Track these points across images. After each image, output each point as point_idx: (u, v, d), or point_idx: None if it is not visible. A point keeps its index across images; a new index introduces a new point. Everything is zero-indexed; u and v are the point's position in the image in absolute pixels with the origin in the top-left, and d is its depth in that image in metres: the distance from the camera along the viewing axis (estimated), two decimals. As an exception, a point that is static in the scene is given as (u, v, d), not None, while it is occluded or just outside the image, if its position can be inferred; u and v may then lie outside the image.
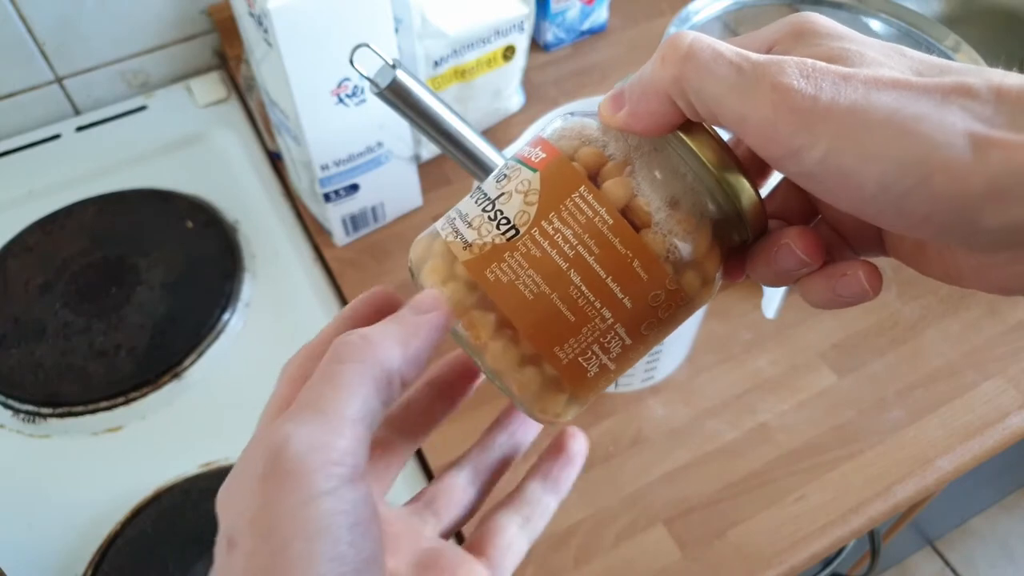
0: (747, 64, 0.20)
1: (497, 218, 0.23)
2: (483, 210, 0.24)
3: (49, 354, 0.61)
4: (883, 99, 0.19)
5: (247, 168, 0.73)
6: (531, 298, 0.23)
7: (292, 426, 0.20)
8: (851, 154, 0.19)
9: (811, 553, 0.50)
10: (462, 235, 0.24)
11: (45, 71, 0.76)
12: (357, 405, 0.21)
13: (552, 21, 0.80)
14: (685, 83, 0.21)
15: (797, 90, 0.19)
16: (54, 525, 0.53)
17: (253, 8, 0.51)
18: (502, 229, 0.23)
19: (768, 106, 0.19)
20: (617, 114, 0.23)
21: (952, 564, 1.38)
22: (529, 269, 0.23)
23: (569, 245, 0.23)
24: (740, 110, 0.20)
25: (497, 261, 0.23)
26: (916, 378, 0.58)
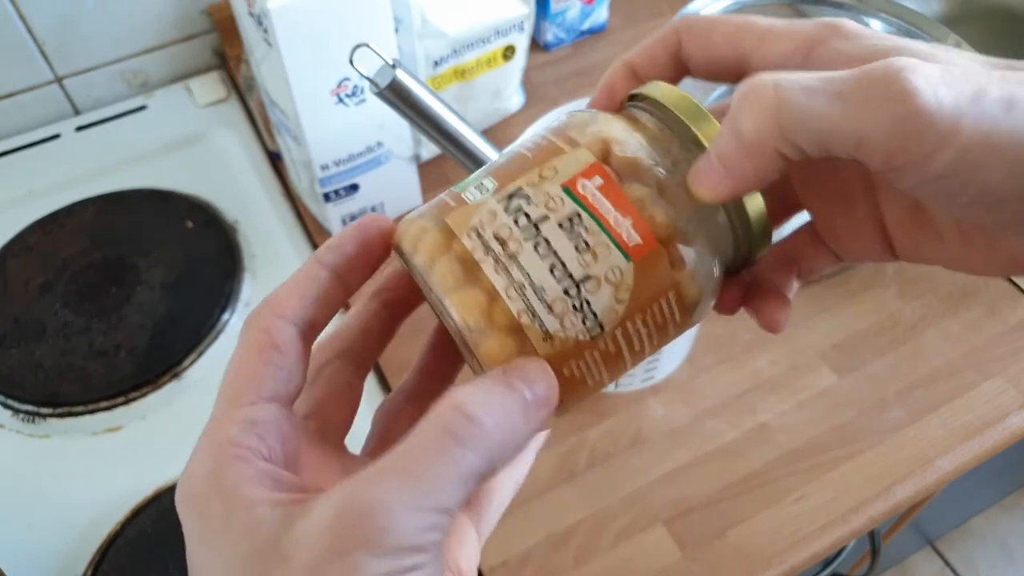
0: (846, 86, 0.19)
1: (584, 310, 0.22)
2: (566, 292, 0.21)
3: (49, 354, 0.61)
4: (995, 89, 0.18)
5: (247, 168, 0.73)
6: (591, 385, 0.23)
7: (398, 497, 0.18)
8: (983, 147, 0.18)
9: (811, 553, 0.50)
10: (542, 321, 0.21)
11: (45, 71, 0.76)
12: (456, 502, 0.18)
13: (552, 21, 0.79)
14: (788, 131, 0.19)
15: (921, 91, 0.18)
16: (54, 525, 0.53)
17: (253, 8, 0.51)
18: (588, 325, 0.22)
19: (888, 120, 0.18)
20: (721, 187, 0.21)
21: (952, 564, 1.38)
22: (602, 366, 0.22)
23: (640, 342, 0.23)
24: (856, 133, 0.19)
25: (576, 359, 0.22)
26: (916, 378, 0.58)
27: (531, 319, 0.21)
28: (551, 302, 0.21)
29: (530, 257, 0.21)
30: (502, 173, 0.23)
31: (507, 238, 0.22)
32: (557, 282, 0.21)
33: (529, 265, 0.21)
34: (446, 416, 0.19)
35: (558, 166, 0.22)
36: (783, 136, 0.19)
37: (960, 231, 0.23)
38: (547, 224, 0.22)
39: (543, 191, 0.22)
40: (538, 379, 0.21)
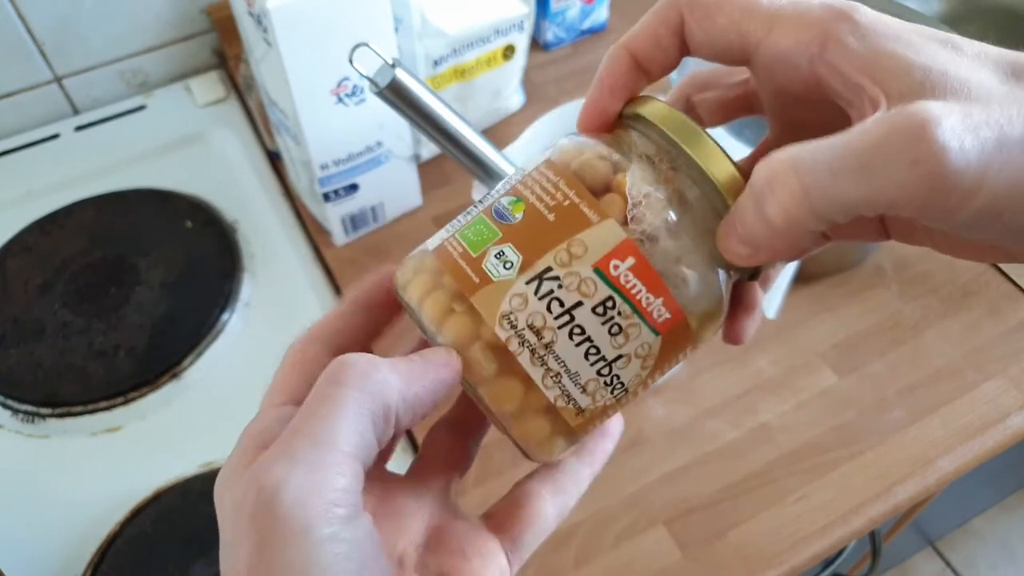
0: (870, 157, 0.18)
1: (613, 383, 0.23)
2: (599, 373, 0.22)
3: (48, 354, 0.60)
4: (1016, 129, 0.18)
5: (246, 168, 0.73)
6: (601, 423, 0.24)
7: (286, 464, 0.19)
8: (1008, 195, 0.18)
9: (812, 554, 0.50)
10: (576, 401, 0.22)
11: (44, 71, 0.76)
12: (355, 439, 0.20)
13: (552, 20, 0.79)
14: (820, 213, 0.19)
15: (949, 148, 0.17)
16: (54, 525, 0.53)
17: (252, 7, 0.51)
18: (615, 394, 0.23)
19: (917, 183, 0.18)
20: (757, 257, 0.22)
21: (953, 565, 1.38)
22: (619, 409, 0.24)
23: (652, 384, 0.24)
24: (885, 203, 0.18)
25: (602, 417, 0.24)
26: (917, 378, 0.58)
27: (566, 402, 0.22)
28: (585, 384, 0.22)
29: (565, 345, 0.22)
30: (525, 243, 0.22)
31: (541, 328, 0.22)
32: (591, 365, 0.22)
33: (565, 354, 0.22)
34: (324, 374, 0.21)
35: (587, 242, 0.22)
36: (814, 217, 0.19)
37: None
38: (581, 310, 0.22)
39: (575, 272, 0.22)
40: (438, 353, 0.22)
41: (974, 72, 0.19)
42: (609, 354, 0.22)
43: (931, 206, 0.18)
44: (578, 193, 0.22)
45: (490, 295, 0.22)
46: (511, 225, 0.22)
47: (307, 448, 0.19)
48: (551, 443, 0.23)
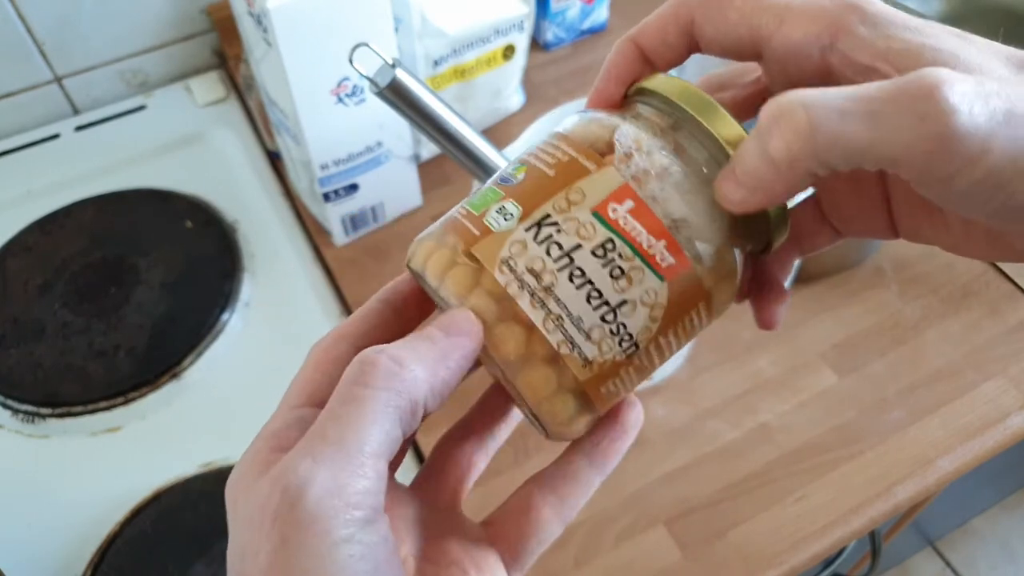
0: (880, 106, 0.18)
1: (620, 332, 0.22)
2: (603, 319, 0.22)
3: (48, 354, 0.60)
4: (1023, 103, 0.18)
5: (246, 168, 0.73)
6: (623, 393, 0.23)
7: (310, 465, 0.19)
8: (1012, 166, 0.18)
9: (812, 554, 0.50)
10: (580, 349, 0.22)
11: (44, 71, 0.76)
12: (379, 439, 0.20)
13: (552, 20, 0.79)
14: (823, 155, 0.19)
15: (957, 111, 0.17)
16: (54, 525, 0.53)
17: (252, 7, 0.51)
18: (624, 347, 0.22)
19: (923, 140, 0.18)
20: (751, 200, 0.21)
21: (953, 565, 1.38)
22: (635, 376, 0.23)
23: (670, 349, 0.23)
24: (890, 154, 0.18)
25: (613, 377, 0.22)
26: (917, 378, 0.58)
27: (570, 349, 0.22)
28: (589, 330, 0.22)
29: (565, 288, 0.21)
30: (525, 196, 0.22)
31: (541, 271, 0.21)
32: (594, 310, 0.21)
33: (566, 296, 0.21)
34: (350, 372, 0.20)
35: (585, 189, 0.22)
36: (816, 158, 0.19)
37: (965, 224, 0.23)
38: (580, 252, 0.21)
39: (573, 218, 0.22)
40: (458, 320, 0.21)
41: (984, 58, 0.19)
42: (612, 298, 0.21)
43: (933, 167, 0.18)
44: (577, 149, 0.23)
45: (490, 244, 0.22)
46: (513, 185, 0.23)
47: (331, 451, 0.19)
48: (562, 402, 0.22)
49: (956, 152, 0.18)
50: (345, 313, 0.63)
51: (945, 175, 0.18)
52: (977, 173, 0.18)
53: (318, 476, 0.19)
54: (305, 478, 0.19)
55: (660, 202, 0.22)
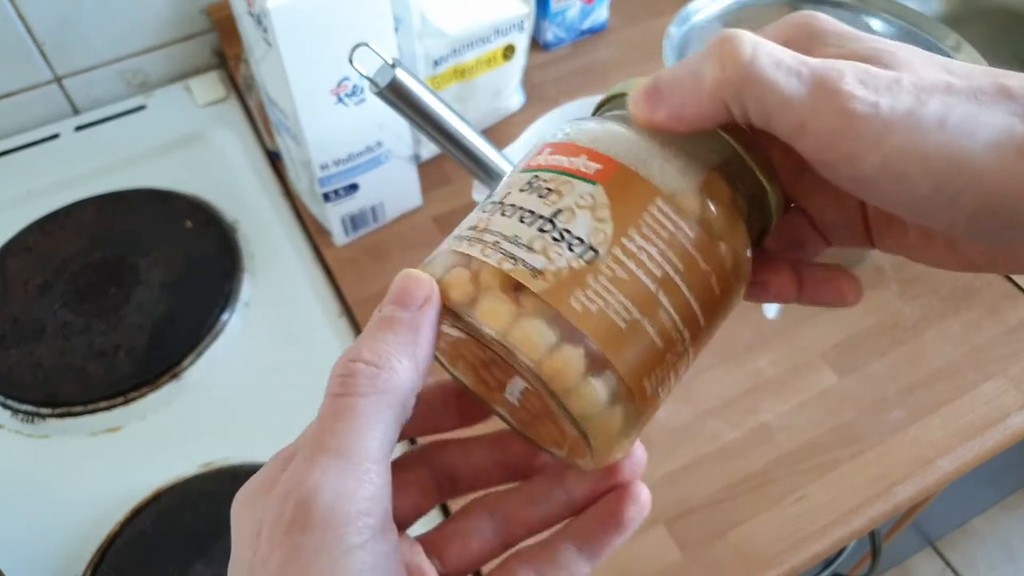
0: (806, 70, 0.20)
1: (566, 238, 0.21)
2: (540, 230, 0.21)
3: (48, 354, 0.60)
4: (933, 104, 0.19)
5: (246, 168, 0.73)
6: (624, 327, 0.20)
7: (318, 475, 0.19)
8: (910, 158, 0.19)
9: (812, 554, 0.50)
10: (524, 261, 0.20)
11: (44, 70, 0.76)
12: (378, 443, 0.20)
13: (552, 20, 0.79)
14: (746, 90, 0.20)
15: (860, 97, 0.19)
16: (54, 525, 0.53)
17: (252, 7, 0.51)
18: (577, 251, 0.20)
19: (828, 114, 0.19)
20: (657, 112, 0.22)
21: (953, 565, 1.38)
22: (619, 294, 0.20)
23: (656, 264, 0.21)
24: (799, 118, 0.20)
25: (581, 287, 0.20)
26: (917, 378, 0.58)
27: (514, 263, 0.21)
28: (529, 243, 0.21)
29: (498, 222, 0.22)
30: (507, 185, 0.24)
31: (477, 225, 0.22)
32: (529, 226, 0.21)
33: (498, 226, 0.22)
34: (333, 383, 0.20)
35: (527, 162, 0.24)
36: (738, 93, 0.21)
37: (922, 231, 0.24)
38: (508, 196, 0.22)
39: (507, 182, 0.23)
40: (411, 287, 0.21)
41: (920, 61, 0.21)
42: (545, 211, 0.21)
43: (834, 146, 0.20)
44: None
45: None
46: None
47: (335, 461, 0.19)
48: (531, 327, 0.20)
49: (855, 132, 0.19)
50: (345, 313, 0.63)
51: (846, 156, 0.20)
52: (875, 158, 0.19)
53: (327, 484, 0.19)
54: (314, 487, 0.19)
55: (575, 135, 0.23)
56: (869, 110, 0.19)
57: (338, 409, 0.20)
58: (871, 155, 0.19)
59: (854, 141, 0.19)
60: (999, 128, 0.19)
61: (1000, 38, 0.75)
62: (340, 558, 0.18)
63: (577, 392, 0.20)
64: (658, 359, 0.21)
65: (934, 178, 0.19)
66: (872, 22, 0.62)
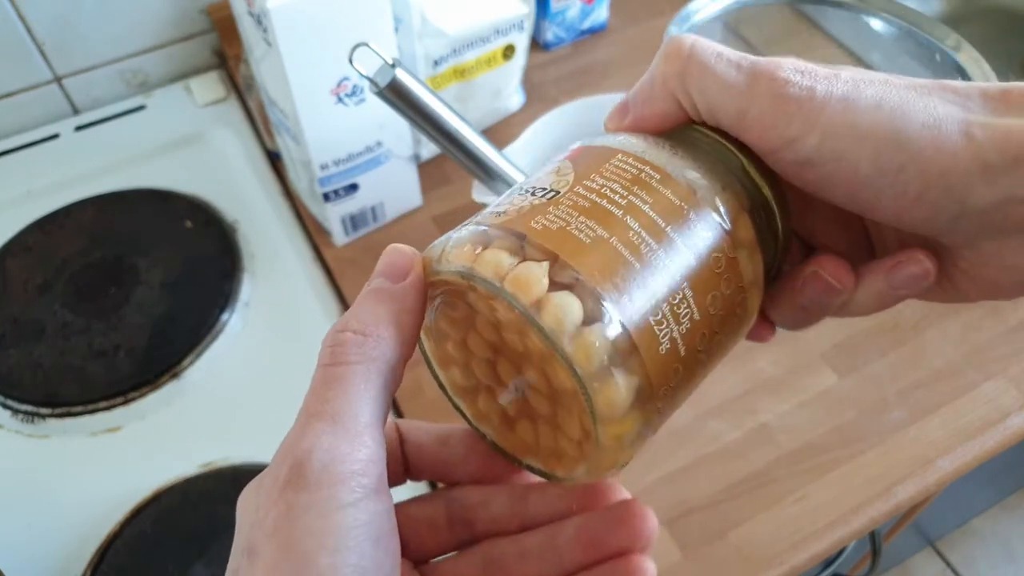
0: (746, 62, 0.22)
1: (533, 190, 0.22)
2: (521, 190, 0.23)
3: (48, 354, 0.60)
4: (870, 90, 0.20)
5: (246, 168, 0.73)
6: (588, 242, 0.20)
7: (312, 439, 0.20)
8: (846, 136, 0.20)
9: (812, 554, 0.50)
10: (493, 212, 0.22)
11: (44, 70, 0.76)
12: (369, 407, 0.20)
13: (552, 20, 0.79)
14: (689, 80, 0.22)
15: (794, 82, 0.21)
16: (53, 525, 0.53)
17: (252, 7, 0.51)
18: (539, 195, 0.22)
19: (767, 99, 0.21)
20: (624, 119, 0.24)
21: (953, 565, 1.38)
22: (580, 216, 0.21)
23: (619, 195, 0.21)
24: (739, 105, 0.21)
25: (542, 214, 0.21)
26: (917, 378, 0.58)
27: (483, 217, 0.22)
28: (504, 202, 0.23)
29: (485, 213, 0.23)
30: None
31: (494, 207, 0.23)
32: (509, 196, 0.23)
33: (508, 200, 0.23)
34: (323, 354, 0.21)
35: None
36: (681, 82, 0.22)
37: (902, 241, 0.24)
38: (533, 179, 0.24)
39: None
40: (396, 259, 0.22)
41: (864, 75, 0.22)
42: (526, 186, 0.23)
43: (773, 129, 0.21)
44: None
45: None
46: None
47: (329, 426, 0.20)
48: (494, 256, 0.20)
49: (791, 114, 0.20)
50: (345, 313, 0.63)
51: (786, 138, 0.21)
52: (814, 138, 0.20)
53: (320, 447, 0.19)
54: (308, 449, 0.19)
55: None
56: (804, 93, 0.20)
57: (328, 377, 0.21)
58: (808, 136, 0.20)
59: (791, 124, 0.20)
60: (937, 111, 0.20)
61: (1000, 38, 0.75)
62: (332, 514, 0.19)
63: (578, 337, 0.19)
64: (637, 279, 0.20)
65: (873, 157, 0.20)
66: (872, 22, 0.62)
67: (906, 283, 0.23)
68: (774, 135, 0.21)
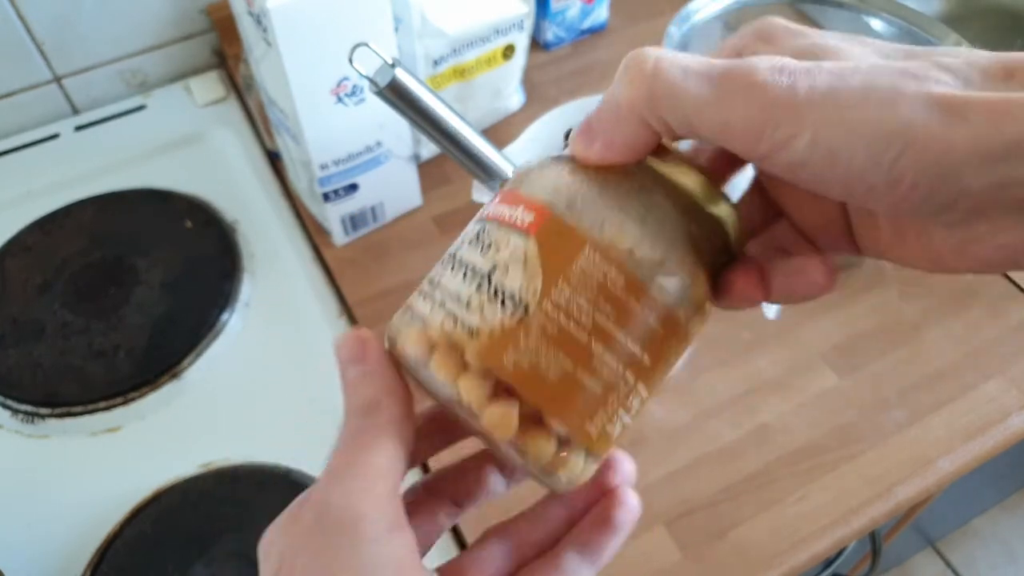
0: (716, 71, 0.20)
1: (500, 296, 0.21)
2: (478, 287, 0.22)
3: (48, 354, 0.60)
4: (856, 79, 0.19)
5: (246, 168, 0.73)
6: (556, 380, 0.21)
7: (334, 483, 0.22)
8: (837, 131, 0.19)
9: (812, 554, 0.50)
10: (463, 322, 0.21)
11: (44, 70, 0.76)
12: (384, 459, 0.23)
13: (552, 20, 0.79)
14: (658, 102, 0.21)
15: (774, 84, 0.19)
16: (53, 525, 0.53)
17: (252, 7, 0.51)
18: (509, 310, 0.21)
19: (748, 106, 0.19)
20: (592, 148, 0.23)
21: (953, 565, 1.38)
22: (550, 348, 0.21)
23: (586, 315, 0.21)
24: (720, 117, 0.20)
25: (513, 345, 0.21)
26: (917, 378, 0.58)
27: (453, 324, 0.22)
28: (467, 301, 0.22)
29: (447, 278, 0.23)
30: None
31: (435, 275, 0.24)
32: (469, 284, 0.22)
33: (447, 283, 0.23)
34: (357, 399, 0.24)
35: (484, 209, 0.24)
36: (651, 108, 0.21)
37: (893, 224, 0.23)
38: (459, 249, 0.24)
39: (465, 231, 0.24)
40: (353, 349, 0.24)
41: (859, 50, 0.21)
42: (484, 268, 0.22)
43: (762, 136, 0.20)
44: None
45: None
46: None
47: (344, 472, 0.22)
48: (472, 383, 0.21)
49: (777, 118, 0.19)
50: (345, 313, 0.63)
51: (777, 142, 0.19)
52: (805, 136, 0.19)
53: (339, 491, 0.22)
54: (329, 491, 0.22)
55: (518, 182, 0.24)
56: (785, 93, 0.19)
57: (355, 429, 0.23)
58: (799, 137, 0.19)
59: (779, 126, 0.19)
60: (931, 93, 0.19)
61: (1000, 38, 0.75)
62: (357, 550, 0.21)
63: (524, 443, 0.22)
64: (599, 404, 0.22)
65: (866, 150, 0.19)
66: (872, 22, 0.62)
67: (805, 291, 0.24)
68: (762, 141, 0.20)
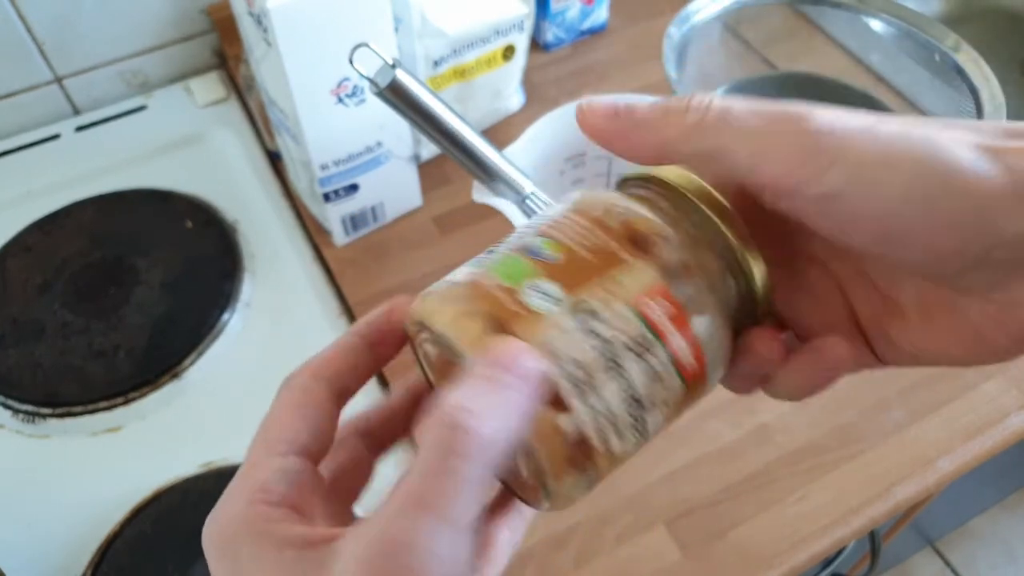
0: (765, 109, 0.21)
1: (643, 431, 0.23)
2: (632, 417, 0.22)
3: (48, 354, 0.61)
4: (891, 124, 0.20)
5: (246, 168, 0.73)
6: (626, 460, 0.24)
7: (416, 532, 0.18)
8: (876, 165, 0.19)
9: (811, 554, 0.50)
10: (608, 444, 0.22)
11: (44, 71, 0.76)
12: (475, 512, 0.19)
13: (552, 21, 0.79)
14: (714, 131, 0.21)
15: (817, 117, 0.20)
16: (54, 525, 0.53)
17: (252, 7, 0.51)
18: (638, 440, 0.23)
19: (790, 135, 0.20)
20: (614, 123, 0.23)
21: (953, 565, 1.38)
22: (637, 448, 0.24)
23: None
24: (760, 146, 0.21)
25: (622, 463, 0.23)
26: (917, 378, 0.58)
27: (602, 442, 0.22)
28: (620, 425, 0.22)
29: (605, 383, 0.21)
30: (564, 278, 0.22)
31: (582, 361, 0.21)
32: (627, 409, 0.22)
33: (606, 392, 0.21)
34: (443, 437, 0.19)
35: (623, 281, 0.22)
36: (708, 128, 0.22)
37: (921, 305, 0.23)
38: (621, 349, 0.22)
39: (613, 309, 0.22)
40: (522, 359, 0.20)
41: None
42: (645, 400, 0.22)
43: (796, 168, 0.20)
44: (610, 235, 0.23)
45: (530, 325, 0.21)
46: (547, 263, 0.22)
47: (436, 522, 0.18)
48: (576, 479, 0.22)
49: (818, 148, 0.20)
50: (345, 313, 0.63)
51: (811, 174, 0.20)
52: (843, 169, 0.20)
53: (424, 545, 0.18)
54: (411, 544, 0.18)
55: (689, 304, 0.23)
56: (827, 127, 0.20)
57: (444, 470, 0.19)
58: (836, 167, 0.20)
59: (818, 156, 0.20)
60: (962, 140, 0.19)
61: (1000, 38, 0.75)
62: None
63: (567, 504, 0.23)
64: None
65: (905, 186, 0.19)
66: (872, 23, 0.62)
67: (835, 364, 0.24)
68: (797, 172, 0.20)
